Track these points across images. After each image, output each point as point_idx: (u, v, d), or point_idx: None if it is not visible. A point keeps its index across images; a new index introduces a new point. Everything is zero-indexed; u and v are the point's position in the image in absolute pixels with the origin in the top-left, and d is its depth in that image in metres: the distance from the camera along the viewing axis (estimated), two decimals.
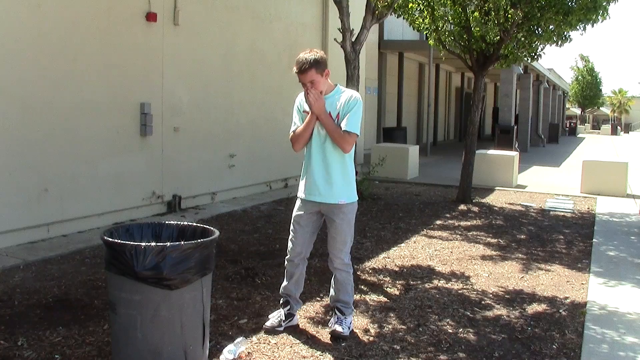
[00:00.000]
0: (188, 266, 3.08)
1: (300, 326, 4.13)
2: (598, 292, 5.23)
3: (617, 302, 4.94)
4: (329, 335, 3.96)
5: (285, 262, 4.09)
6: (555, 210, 9.40)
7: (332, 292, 4.10)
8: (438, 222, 8.19)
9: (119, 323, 3.14)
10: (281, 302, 4.14)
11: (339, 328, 3.94)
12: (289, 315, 4.08)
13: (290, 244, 4.04)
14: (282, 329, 4.03)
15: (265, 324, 4.07)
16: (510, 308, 4.73)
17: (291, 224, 4.04)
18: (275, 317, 4.10)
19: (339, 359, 3.67)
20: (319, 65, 3.75)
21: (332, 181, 3.86)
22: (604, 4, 8.62)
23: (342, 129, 3.77)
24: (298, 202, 4.02)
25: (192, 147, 8.43)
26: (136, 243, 3.09)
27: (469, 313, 4.57)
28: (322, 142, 3.87)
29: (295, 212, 4.02)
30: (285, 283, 4.10)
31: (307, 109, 3.87)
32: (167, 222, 3.61)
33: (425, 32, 10.02)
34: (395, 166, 12.57)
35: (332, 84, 3.92)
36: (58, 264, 5.50)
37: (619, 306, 4.83)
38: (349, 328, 3.99)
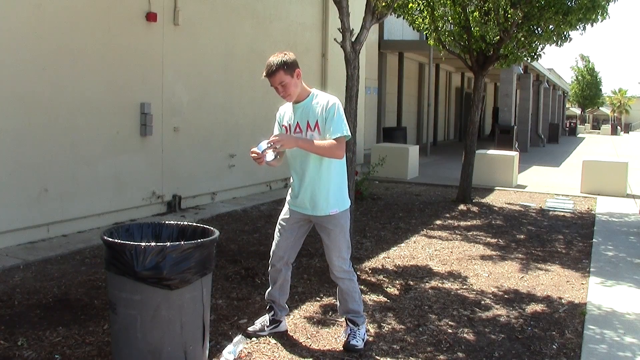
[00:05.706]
0: (188, 266, 3.08)
1: (289, 333, 4.02)
2: (597, 292, 5.23)
3: (617, 302, 4.94)
4: (343, 346, 3.79)
5: (269, 267, 3.95)
6: (555, 210, 9.41)
7: (339, 303, 3.92)
8: (438, 222, 8.20)
9: (119, 323, 3.14)
10: (267, 307, 4.02)
11: (353, 341, 3.76)
12: (274, 322, 3.96)
13: (273, 248, 3.88)
14: (265, 334, 3.93)
15: (249, 328, 3.98)
16: (510, 308, 4.74)
17: (276, 227, 3.88)
18: (259, 321, 4.01)
19: (339, 359, 3.67)
20: (287, 66, 3.54)
21: (320, 193, 3.65)
22: (603, 3, 8.62)
23: (330, 137, 3.55)
24: (286, 207, 3.86)
25: (192, 147, 8.44)
26: (136, 243, 3.09)
27: (468, 313, 4.58)
28: (306, 152, 3.62)
29: (282, 216, 3.86)
30: (269, 289, 3.98)
31: (286, 122, 3.73)
32: (167, 222, 3.61)
33: (425, 32, 10.01)
34: (395, 166, 12.57)
35: (308, 89, 3.71)
36: (58, 264, 5.50)
37: (618, 306, 4.83)
38: (363, 340, 3.80)
